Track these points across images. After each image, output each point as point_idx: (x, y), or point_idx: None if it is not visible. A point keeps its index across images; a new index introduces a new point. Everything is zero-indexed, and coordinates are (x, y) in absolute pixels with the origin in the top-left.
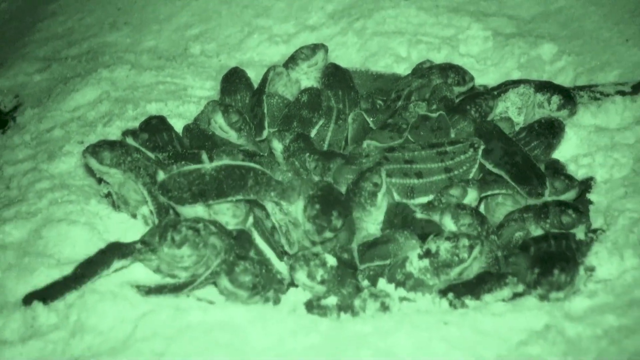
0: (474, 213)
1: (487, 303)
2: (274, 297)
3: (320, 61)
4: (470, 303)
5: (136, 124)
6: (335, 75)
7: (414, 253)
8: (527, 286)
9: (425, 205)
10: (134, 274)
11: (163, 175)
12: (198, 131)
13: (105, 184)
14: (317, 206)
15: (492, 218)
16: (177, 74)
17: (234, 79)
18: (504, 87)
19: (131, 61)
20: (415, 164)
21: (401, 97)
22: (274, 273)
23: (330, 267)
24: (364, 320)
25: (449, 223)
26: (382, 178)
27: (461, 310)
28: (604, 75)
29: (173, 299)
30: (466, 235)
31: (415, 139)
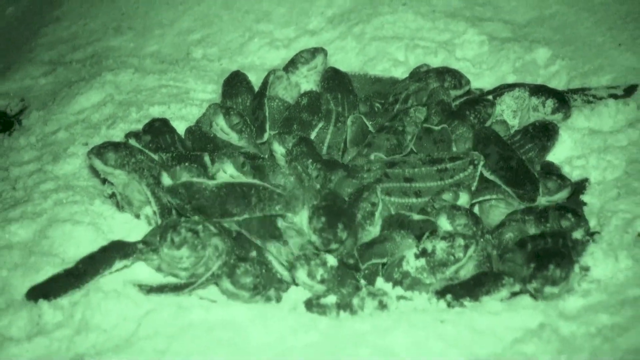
0: (468, 213)
1: (484, 303)
2: (275, 296)
3: (320, 65)
4: (468, 304)
5: (140, 127)
6: (334, 78)
7: (410, 252)
8: (523, 281)
9: (420, 210)
10: (137, 273)
11: (168, 178)
12: (200, 133)
13: (110, 184)
14: (323, 219)
15: (486, 220)
16: (180, 77)
17: (235, 83)
18: (499, 91)
19: (135, 65)
20: (415, 183)
21: (399, 101)
22: (274, 273)
23: (331, 267)
24: (363, 319)
25: (444, 223)
26: (379, 197)
27: (457, 309)
28: (597, 79)
29: (175, 297)
30: (461, 235)
31: (418, 150)
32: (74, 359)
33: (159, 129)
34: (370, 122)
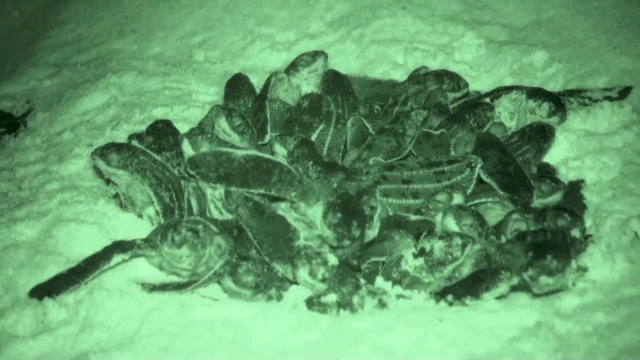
0: (475, 214)
1: (485, 300)
2: (277, 295)
3: (320, 67)
4: (468, 302)
5: (143, 128)
6: (334, 81)
7: (408, 252)
8: (520, 270)
9: (415, 211)
10: (140, 271)
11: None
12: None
13: (113, 185)
14: (339, 214)
15: None
16: (183, 79)
17: (237, 85)
18: (496, 93)
19: (138, 67)
20: (412, 184)
21: (398, 103)
22: (275, 272)
23: (332, 266)
24: (362, 317)
25: (451, 224)
26: (378, 201)
27: (456, 307)
28: (593, 81)
29: (178, 296)
30: (459, 234)
31: (418, 153)
32: (79, 356)
33: (162, 130)
34: (370, 125)
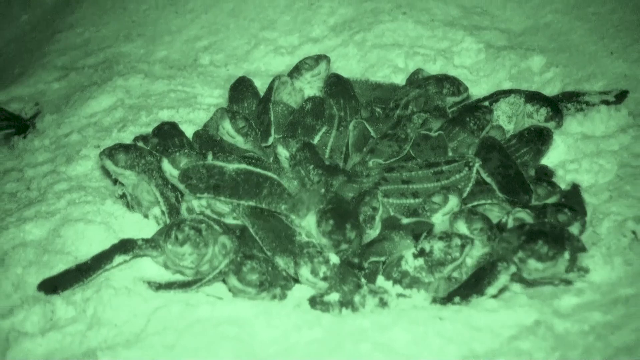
0: (485, 218)
1: (489, 295)
2: (280, 294)
3: (323, 71)
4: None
5: (149, 130)
6: (337, 84)
7: (408, 252)
8: (513, 253)
9: (411, 212)
10: (146, 270)
11: (168, 163)
12: (207, 137)
13: (121, 185)
14: (331, 221)
15: None
16: (188, 82)
17: (241, 88)
18: (495, 97)
19: (144, 70)
20: (412, 184)
21: (399, 106)
22: (279, 270)
23: (333, 265)
24: (364, 316)
25: (462, 227)
26: (379, 202)
27: (455, 306)
28: (589, 85)
29: (183, 294)
30: (457, 234)
31: (416, 155)
32: (86, 353)
33: (168, 132)
34: (372, 128)
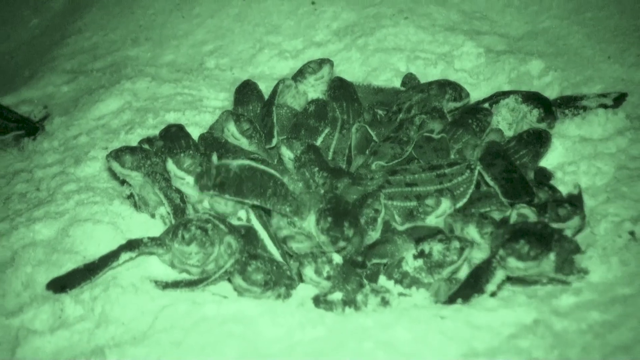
0: (495, 223)
1: (489, 291)
2: (285, 293)
3: (326, 75)
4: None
5: (156, 132)
6: (340, 88)
7: (409, 253)
8: (496, 249)
9: (408, 215)
10: (153, 269)
11: (172, 164)
12: (212, 139)
13: (128, 186)
14: (329, 219)
15: None
16: (194, 86)
17: (246, 91)
18: (495, 98)
19: (151, 74)
20: (416, 187)
21: (402, 110)
22: (284, 270)
23: (336, 265)
24: (366, 314)
25: (473, 232)
26: (382, 204)
27: (456, 305)
28: (587, 89)
29: (189, 293)
30: (457, 237)
31: (419, 157)
32: (94, 350)
33: (175, 133)
34: (374, 132)
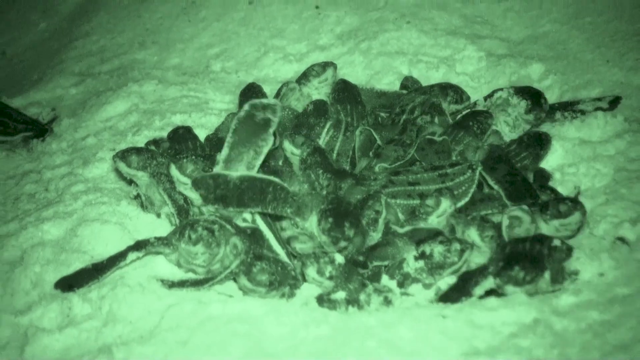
0: (495, 227)
1: (476, 295)
2: (289, 292)
3: (330, 77)
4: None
5: (163, 134)
6: (344, 90)
7: (410, 255)
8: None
9: (411, 213)
10: (160, 268)
11: (175, 169)
12: (216, 140)
13: (135, 186)
14: (330, 219)
15: None
16: (200, 88)
17: (250, 94)
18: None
19: (158, 77)
20: (419, 186)
21: (405, 112)
22: (288, 270)
23: (338, 265)
24: (369, 313)
25: (474, 235)
26: (383, 205)
27: (458, 305)
28: (587, 92)
29: (195, 292)
30: (458, 239)
31: (421, 158)
32: (102, 348)
33: (182, 135)
34: (377, 135)
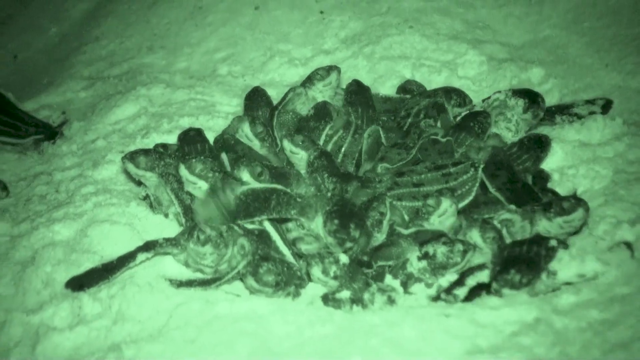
0: (497, 229)
1: (469, 285)
2: (294, 292)
3: (334, 81)
4: (460, 293)
5: (171, 137)
6: (357, 93)
7: (413, 255)
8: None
9: (413, 215)
10: (168, 268)
11: (185, 169)
12: (222, 142)
13: (144, 187)
14: (336, 221)
15: None
16: (207, 92)
17: (255, 97)
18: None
19: (166, 80)
20: (423, 187)
21: (411, 115)
22: (294, 270)
23: (343, 265)
24: (373, 312)
25: (476, 236)
26: (387, 207)
27: (460, 304)
28: (586, 96)
29: (203, 292)
30: (460, 241)
31: (424, 158)
32: (112, 347)
33: (193, 137)
34: (385, 135)
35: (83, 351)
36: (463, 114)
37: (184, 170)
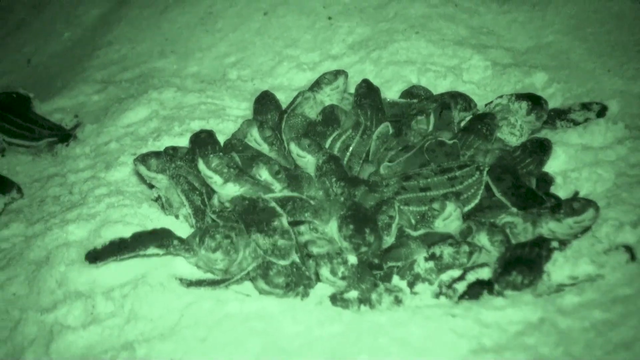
0: (504, 232)
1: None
2: (303, 292)
3: (341, 85)
4: (460, 287)
5: (182, 140)
6: (367, 96)
7: (420, 256)
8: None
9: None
10: (179, 268)
11: (203, 164)
12: (231, 145)
13: (156, 189)
14: (351, 226)
15: None
16: (217, 95)
17: (264, 101)
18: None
19: (177, 84)
20: (429, 192)
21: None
22: (303, 271)
23: (351, 265)
24: (381, 312)
25: (483, 239)
26: (396, 211)
27: (466, 304)
28: (588, 100)
29: (214, 291)
30: (467, 242)
31: (431, 160)
32: (124, 345)
33: (204, 139)
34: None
35: (96, 349)
36: (469, 118)
37: (202, 165)
